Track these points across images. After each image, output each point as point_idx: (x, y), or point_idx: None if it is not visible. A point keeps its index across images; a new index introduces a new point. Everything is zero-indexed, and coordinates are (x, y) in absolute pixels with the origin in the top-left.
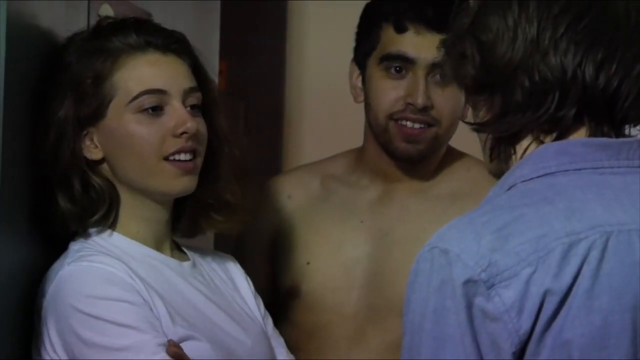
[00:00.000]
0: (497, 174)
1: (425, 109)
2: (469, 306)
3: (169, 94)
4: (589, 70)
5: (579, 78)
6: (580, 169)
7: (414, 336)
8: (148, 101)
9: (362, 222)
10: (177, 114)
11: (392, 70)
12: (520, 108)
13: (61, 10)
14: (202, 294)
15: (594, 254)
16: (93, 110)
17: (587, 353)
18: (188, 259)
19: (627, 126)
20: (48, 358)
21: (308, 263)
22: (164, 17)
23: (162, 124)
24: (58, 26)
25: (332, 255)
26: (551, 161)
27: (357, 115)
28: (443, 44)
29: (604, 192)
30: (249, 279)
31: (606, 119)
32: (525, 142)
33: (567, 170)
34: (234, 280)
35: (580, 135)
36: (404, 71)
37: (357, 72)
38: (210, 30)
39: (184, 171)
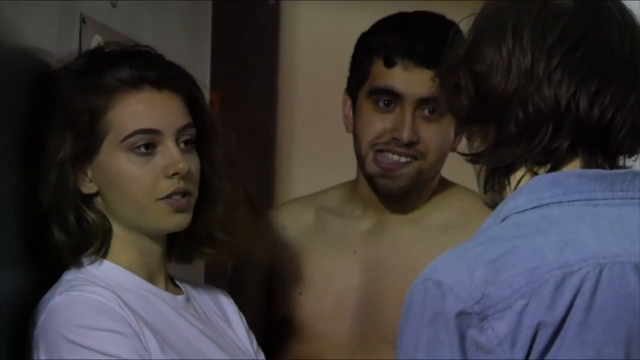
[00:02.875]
0: (491, 205)
1: (411, 144)
2: (462, 338)
3: (162, 133)
4: (583, 102)
5: (573, 109)
6: (574, 201)
7: None
8: (141, 140)
9: (354, 252)
10: (170, 154)
11: (381, 104)
12: (514, 139)
13: (53, 35)
14: (195, 327)
15: (587, 286)
16: (88, 147)
17: None
18: (182, 293)
19: (622, 157)
20: None
21: (300, 293)
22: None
23: (155, 165)
24: (50, 50)
25: (325, 285)
26: (545, 192)
27: (348, 145)
28: (437, 74)
29: (597, 223)
30: (242, 314)
31: (600, 150)
32: (519, 173)
33: (561, 202)
34: (227, 315)
35: (574, 167)
36: (392, 105)
37: (349, 102)
38: (201, 62)
39: (177, 209)
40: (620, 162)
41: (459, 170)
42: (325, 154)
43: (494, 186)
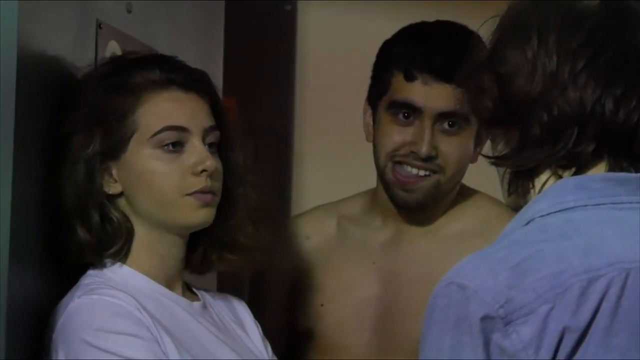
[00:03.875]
0: (515, 208)
1: (429, 158)
2: (487, 343)
3: (189, 131)
4: (609, 105)
5: (598, 113)
6: (598, 205)
7: None
8: (169, 137)
9: (374, 263)
10: (197, 152)
11: (400, 116)
12: (538, 142)
13: (69, 40)
14: (212, 333)
15: (613, 291)
16: (114, 145)
17: None
18: (198, 299)
19: None
20: None
21: (322, 305)
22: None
23: (183, 162)
24: (66, 57)
25: (345, 297)
26: (569, 196)
27: (365, 151)
28: (461, 76)
29: (622, 228)
30: (257, 322)
31: (625, 154)
32: (543, 177)
33: (586, 206)
34: (243, 322)
35: (599, 170)
36: (411, 118)
37: (369, 111)
38: (213, 68)
39: (204, 203)
40: None
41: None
42: (342, 160)
43: (518, 189)
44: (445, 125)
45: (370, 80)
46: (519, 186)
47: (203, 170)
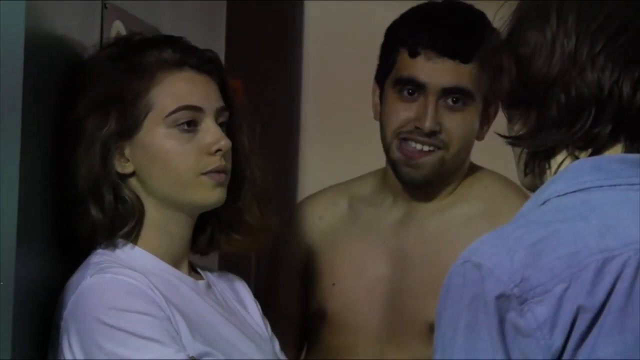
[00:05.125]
0: (531, 188)
1: (432, 133)
2: (502, 321)
3: (203, 111)
4: (626, 88)
5: (615, 95)
6: (614, 185)
7: (446, 351)
8: (184, 117)
9: (384, 242)
10: (212, 132)
11: (405, 93)
12: (555, 123)
13: (76, 20)
14: (217, 312)
15: (628, 272)
16: (129, 125)
17: None
18: (202, 279)
19: None
20: None
21: (333, 284)
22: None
23: (198, 142)
24: (73, 37)
25: (356, 276)
26: (586, 177)
27: (373, 136)
28: (480, 56)
29: (638, 209)
30: (257, 301)
31: None
32: (560, 157)
33: (602, 186)
34: (243, 300)
35: (615, 152)
36: (415, 94)
37: (377, 91)
38: (216, 48)
39: (218, 183)
40: None
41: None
42: (349, 143)
43: (534, 170)
44: (449, 102)
45: (378, 60)
46: (535, 167)
47: (218, 150)
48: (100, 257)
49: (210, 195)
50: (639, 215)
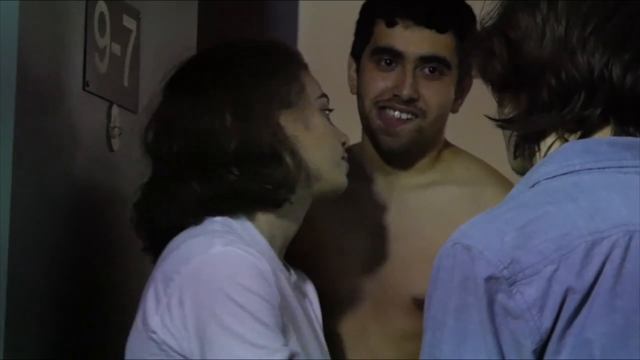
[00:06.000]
0: (521, 171)
1: (410, 100)
2: (491, 303)
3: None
4: (617, 71)
5: (606, 78)
6: (604, 168)
7: (436, 332)
8: (326, 103)
9: (365, 217)
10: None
11: (382, 63)
12: (546, 106)
13: (61, 4)
14: (302, 313)
15: (617, 253)
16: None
17: (608, 352)
18: (290, 274)
19: None
20: (157, 322)
21: (314, 259)
22: (152, 15)
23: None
24: (60, 19)
25: (338, 251)
26: (576, 159)
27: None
28: (471, 39)
29: (628, 191)
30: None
31: (632, 119)
32: (549, 140)
33: (592, 169)
34: (313, 305)
35: (605, 135)
36: (393, 64)
37: (354, 65)
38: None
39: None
40: None
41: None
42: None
43: (524, 153)
44: (426, 71)
45: (354, 35)
46: (525, 150)
47: (344, 143)
48: (222, 226)
49: (345, 180)
50: (628, 198)
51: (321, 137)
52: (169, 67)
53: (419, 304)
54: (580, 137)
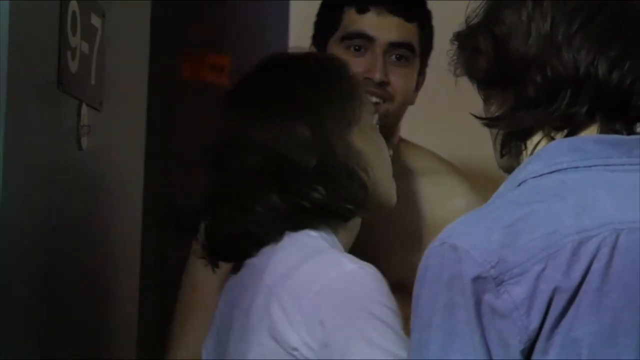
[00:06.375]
0: (508, 170)
1: (382, 84)
2: (478, 303)
3: None
4: (602, 68)
5: (592, 75)
6: (591, 166)
7: (423, 331)
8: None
9: None
10: None
11: (352, 49)
12: (532, 103)
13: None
14: None
15: (604, 251)
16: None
17: (596, 351)
18: None
19: (639, 124)
20: (296, 339)
21: None
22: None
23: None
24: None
25: None
26: (563, 157)
27: None
28: (456, 37)
29: (615, 189)
30: None
31: (618, 116)
32: (536, 138)
33: (578, 167)
34: None
35: (591, 132)
36: (363, 49)
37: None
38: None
39: None
40: (638, 129)
41: None
42: None
43: (511, 151)
44: (394, 57)
45: (317, 22)
46: (511, 147)
47: None
48: (324, 241)
49: (396, 197)
50: (616, 196)
51: (381, 152)
52: (126, 64)
53: (399, 289)
54: (567, 135)
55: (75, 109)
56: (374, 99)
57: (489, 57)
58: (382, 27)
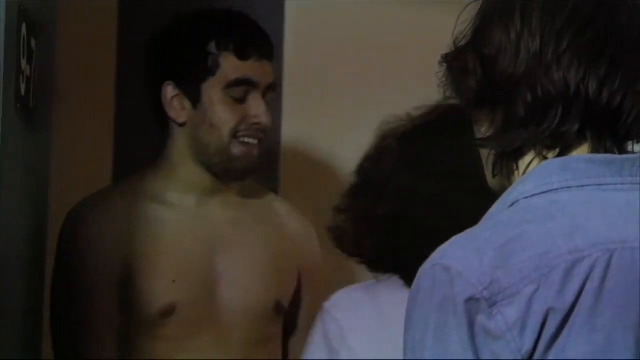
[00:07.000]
0: (500, 190)
1: (263, 126)
2: (471, 324)
3: None
4: (592, 86)
5: (582, 93)
6: (583, 186)
7: (415, 352)
8: None
9: (194, 237)
10: None
11: (236, 95)
12: (522, 123)
13: None
14: None
15: (597, 272)
16: None
17: None
18: None
19: (631, 142)
20: None
21: (174, 281)
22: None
23: None
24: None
25: (188, 273)
26: (554, 177)
27: (353, 131)
28: (445, 58)
29: (607, 209)
30: None
31: (609, 134)
32: (527, 158)
33: (570, 187)
34: None
35: (582, 151)
36: (245, 94)
37: (179, 94)
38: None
39: None
40: (629, 147)
41: None
42: (328, 145)
43: (502, 171)
44: (268, 98)
45: (180, 60)
46: (503, 168)
47: None
48: None
49: None
50: (608, 216)
51: None
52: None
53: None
54: (559, 155)
55: None
56: (253, 141)
57: (478, 77)
58: (261, 72)
